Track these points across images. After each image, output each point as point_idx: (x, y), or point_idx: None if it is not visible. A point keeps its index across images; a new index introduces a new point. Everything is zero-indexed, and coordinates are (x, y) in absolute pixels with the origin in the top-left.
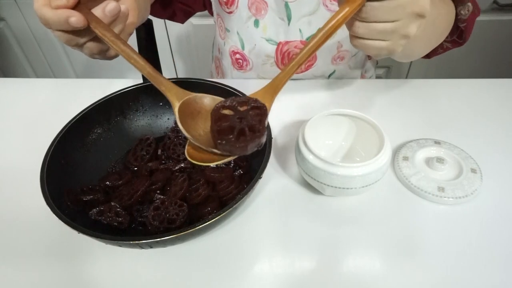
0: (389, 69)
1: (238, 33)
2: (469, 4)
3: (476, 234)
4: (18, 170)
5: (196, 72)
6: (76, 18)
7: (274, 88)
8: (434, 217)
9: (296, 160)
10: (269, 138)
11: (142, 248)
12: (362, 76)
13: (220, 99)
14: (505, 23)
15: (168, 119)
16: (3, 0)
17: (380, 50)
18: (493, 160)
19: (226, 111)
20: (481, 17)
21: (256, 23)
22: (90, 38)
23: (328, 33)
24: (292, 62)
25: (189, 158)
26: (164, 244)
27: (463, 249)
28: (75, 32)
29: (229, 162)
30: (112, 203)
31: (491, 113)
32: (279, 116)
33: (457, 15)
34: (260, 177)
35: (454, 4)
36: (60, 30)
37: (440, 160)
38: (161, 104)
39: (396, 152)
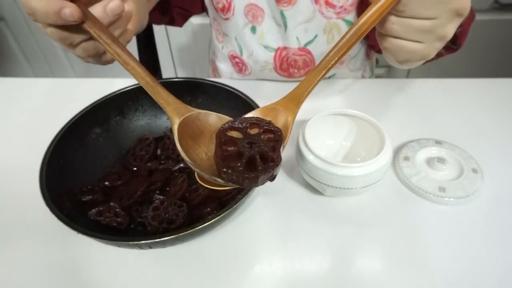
0: (389, 69)
1: (236, 38)
2: None
3: (477, 234)
4: (17, 170)
5: (196, 72)
6: (70, 10)
7: (298, 97)
8: (435, 217)
9: (296, 160)
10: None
11: (142, 248)
12: (362, 76)
13: (228, 118)
14: (506, 23)
15: (168, 119)
16: (3, 0)
17: (413, 53)
18: (494, 160)
19: (234, 133)
20: (481, 17)
21: (253, 29)
22: (86, 38)
23: (362, 29)
24: (319, 65)
25: (200, 182)
26: (163, 244)
27: (464, 249)
28: (68, 29)
29: None
30: (111, 204)
31: (492, 113)
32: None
33: None
34: None
35: None
36: (51, 26)
37: (441, 160)
38: None
39: (397, 152)
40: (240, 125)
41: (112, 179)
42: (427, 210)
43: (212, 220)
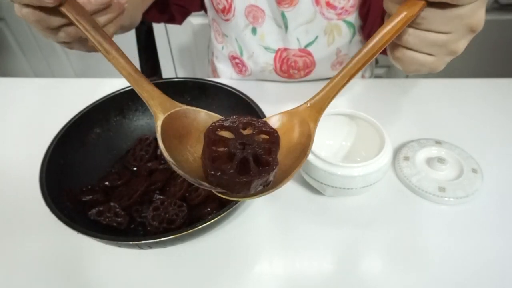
0: (389, 69)
1: (236, 39)
2: None
3: (477, 234)
4: (17, 170)
5: (196, 72)
6: None
7: (320, 103)
8: (435, 217)
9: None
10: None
11: (142, 248)
12: (362, 76)
13: (219, 117)
14: (506, 23)
15: None
16: (3, 0)
17: (423, 65)
18: (494, 160)
19: (225, 133)
20: None
21: (254, 31)
22: (65, 22)
23: (384, 40)
24: (341, 73)
25: (219, 194)
26: (163, 244)
27: (463, 249)
28: (45, 10)
29: None
30: (112, 203)
31: (492, 113)
32: None
33: None
34: None
35: None
36: (27, 6)
37: (441, 160)
38: None
39: (396, 152)
40: (232, 124)
41: (112, 179)
42: (427, 210)
43: (212, 220)
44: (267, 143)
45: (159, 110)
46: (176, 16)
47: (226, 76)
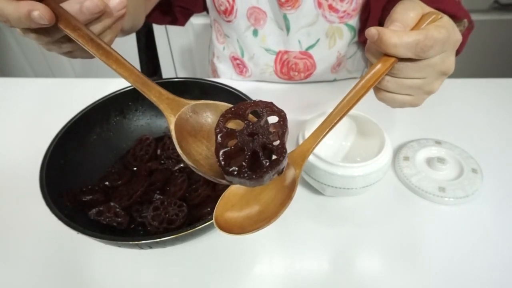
0: None
1: (237, 40)
2: (465, 20)
3: (476, 234)
4: (17, 170)
5: (196, 72)
6: (39, 13)
7: (304, 153)
8: (434, 217)
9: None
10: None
11: (142, 248)
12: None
13: (226, 105)
14: (506, 23)
15: None
16: None
17: (403, 104)
18: (494, 160)
19: (234, 124)
20: (481, 17)
21: (255, 32)
22: (64, 35)
23: (360, 93)
24: (323, 125)
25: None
26: (163, 244)
27: (463, 249)
28: (43, 29)
29: None
30: (112, 203)
31: (492, 113)
32: None
33: None
34: None
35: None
36: (30, 30)
37: (441, 160)
38: None
39: (396, 152)
40: (240, 112)
41: (112, 179)
42: (427, 210)
43: (212, 220)
44: (276, 127)
45: (170, 112)
46: (179, 18)
47: (227, 77)
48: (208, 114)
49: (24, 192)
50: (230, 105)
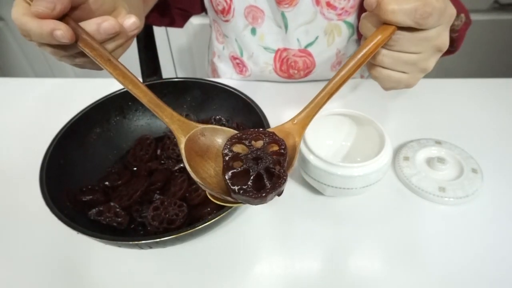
0: None
1: (236, 40)
2: (462, 15)
3: (477, 234)
4: (17, 170)
5: (196, 72)
6: (62, 32)
7: (304, 120)
8: (434, 217)
9: (296, 160)
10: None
11: (142, 248)
12: (361, 76)
13: (232, 131)
14: (506, 23)
15: None
16: (3, 0)
17: (398, 82)
18: (494, 160)
19: (239, 147)
20: (481, 17)
21: (253, 31)
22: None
23: (359, 61)
24: (322, 93)
25: (212, 199)
26: (163, 244)
27: (463, 249)
28: (61, 45)
29: None
30: (112, 203)
31: (492, 113)
32: (279, 116)
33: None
34: None
35: None
36: (48, 45)
37: (441, 160)
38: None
39: (396, 152)
40: (245, 138)
41: (112, 179)
42: (427, 210)
43: (212, 220)
44: (277, 154)
45: (180, 132)
46: (177, 20)
47: (227, 76)
48: (215, 137)
49: (24, 192)
50: (235, 131)
